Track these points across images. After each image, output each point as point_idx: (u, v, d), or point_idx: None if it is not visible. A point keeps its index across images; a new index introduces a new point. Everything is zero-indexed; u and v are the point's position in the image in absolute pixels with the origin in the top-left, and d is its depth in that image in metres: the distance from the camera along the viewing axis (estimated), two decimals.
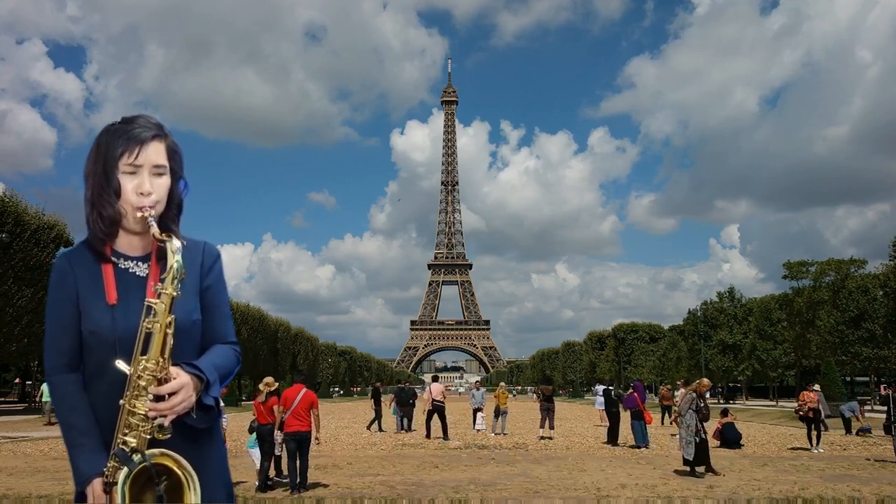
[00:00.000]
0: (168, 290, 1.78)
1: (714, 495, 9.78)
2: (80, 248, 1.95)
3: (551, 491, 10.10)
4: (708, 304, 58.84)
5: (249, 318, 59.06)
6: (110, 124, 1.94)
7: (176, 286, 1.79)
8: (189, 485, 1.75)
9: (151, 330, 1.77)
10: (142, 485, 1.72)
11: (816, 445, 16.40)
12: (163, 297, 1.78)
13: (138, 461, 1.71)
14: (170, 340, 1.78)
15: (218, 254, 2.06)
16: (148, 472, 1.71)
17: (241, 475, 11.12)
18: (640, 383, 19.54)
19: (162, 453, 1.75)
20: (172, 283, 1.79)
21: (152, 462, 1.72)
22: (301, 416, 10.05)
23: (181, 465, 1.75)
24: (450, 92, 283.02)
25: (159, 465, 1.74)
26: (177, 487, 1.75)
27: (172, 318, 1.79)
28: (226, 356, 1.97)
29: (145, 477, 1.72)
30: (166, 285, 1.79)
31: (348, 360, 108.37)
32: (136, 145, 1.87)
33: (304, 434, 9.99)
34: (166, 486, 1.73)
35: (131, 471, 1.70)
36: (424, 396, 21.89)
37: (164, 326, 1.77)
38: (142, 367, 1.75)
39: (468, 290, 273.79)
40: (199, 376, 1.81)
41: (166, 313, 1.78)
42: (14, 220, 31.64)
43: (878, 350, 39.43)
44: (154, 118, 1.96)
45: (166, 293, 1.78)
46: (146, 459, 1.72)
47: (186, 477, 1.75)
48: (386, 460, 13.95)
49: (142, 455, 1.72)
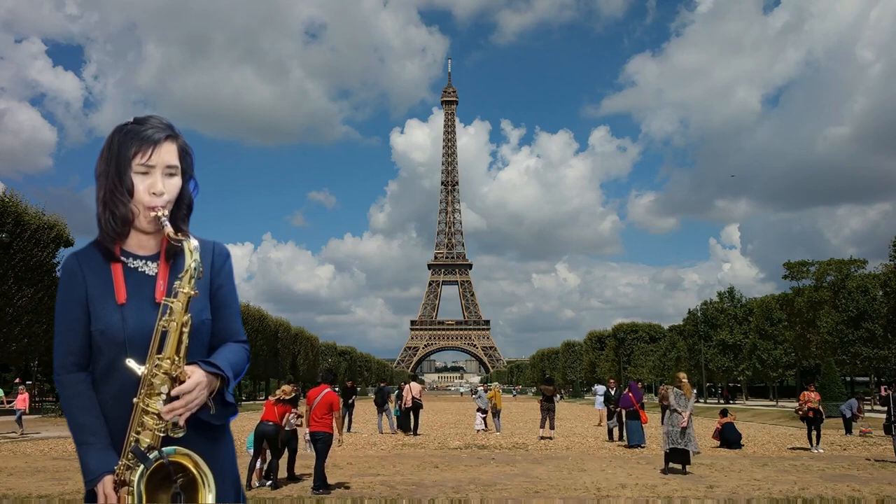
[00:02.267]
0: (185, 289, 1.80)
1: (714, 495, 9.77)
2: (89, 248, 1.97)
3: (551, 491, 10.09)
4: (708, 304, 58.83)
5: (249, 318, 59.03)
6: (122, 124, 1.96)
7: (193, 285, 1.81)
8: (204, 483, 1.76)
9: (167, 329, 1.79)
10: (156, 483, 1.73)
11: (816, 445, 16.42)
12: (180, 296, 1.80)
13: (154, 458, 1.72)
14: (185, 340, 1.80)
15: (228, 253, 2.09)
16: (163, 471, 1.72)
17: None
18: (636, 383, 19.57)
19: (178, 451, 1.76)
20: (190, 282, 1.81)
21: (170, 459, 1.73)
22: (319, 417, 10.04)
23: (197, 464, 1.77)
24: (450, 92, 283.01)
25: (176, 462, 1.75)
26: (192, 485, 1.76)
27: (189, 318, 1.80)
28: (238, 354, 2.00)
29: (160, 475, 1.73)
30: (184, 284, 1.81)
31: (348, 360, 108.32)
32: (149, 146, 1.89)
33: (319, 435, 9.98)
34: (182, 484, 1.74)
35: (147, 468, 1.71)
36: (404, 395, 22.38)
37: (181, 325, 1.79)
38: (156, 365, 1.77)
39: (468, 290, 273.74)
40: (217, 374, 1.83)
41: (183, 312, 1.80)
42: (14, 220, 31.63)
43: (878, 350, 39.40)
44: (165, 119, 1.98)
45: (184, 292, 1.80)
46: (163, 456, 1.73)
47: (202, 475, 1.76)
48: (386, 460, 13.95)
49: (159, 452, 1.73)
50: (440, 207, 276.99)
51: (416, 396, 21.79)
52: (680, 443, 11.96)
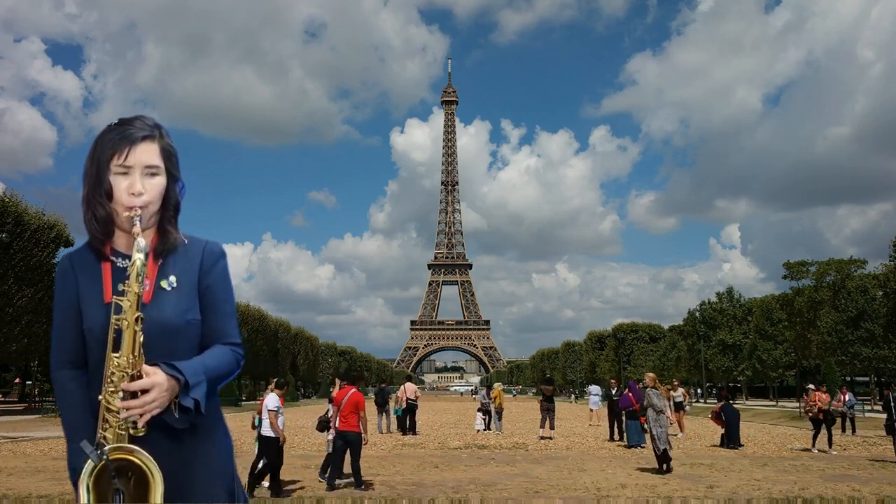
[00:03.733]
0: (133, 287, 1.79)
1: (714, 495, 9.77)
2: (83, 248, 1.99)
3: (551, 491, 10.09)
4: (707, 305, 58.84)
5: (249, 318, 59.07)
6: (108, 125, 1.95)
7: (140, 283, 1.79)
8: (153, 479, 1.72)
9: (119, 326, 1.79)
10: (109, 480, 1.72)
11: (829, 448, 16.27)
12: (128, 294, 1.79)
13: (97, 456, 1.71)
14: (139, 338, 1.78)
15: (221, 253, 2.04)
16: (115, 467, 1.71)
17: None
18: (635, 383, 19.55)
19: (118, 448, 1.73)
20: (137, 279, 1.79)
21: (109, 457, 1.71)
22: (345, 417, 10.36)
23: (143, 460, 1.73)
24: (450, 92, 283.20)
25: (122, 459, 1.72)
26: (142, 482, 1.73)
27: (139, 315, 1.79)
28: (221, 357, 1.94)
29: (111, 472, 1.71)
30: (130, 283, 1.79)
31: (348, 360, 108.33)
32: (126, 146, 1.88)
33: (348, 434, 10.27)
34: (134, 481, 1.72)
35: (96, 465, 1.71)
36: (399, 395, 22.54)
37: (132, 323, 1.78)
38: (115, 363, 1.77)
39: (468, 290, 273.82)
40: (177, 377, 1.78)
41: (133, 310, 1.78)
42: (14, 220, 31.66)
43: (878, 350, 39.42)
44: (151, 119, 1.96)
45: (131, 290, 1.79)
46: (104, 455, 1.71)
47: (150, 471, 1.73)
48: (386, 460, 13.95)
49: (100, 450, 1.72)
50: (440, 207, 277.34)
51: (412, 397, 21.87)
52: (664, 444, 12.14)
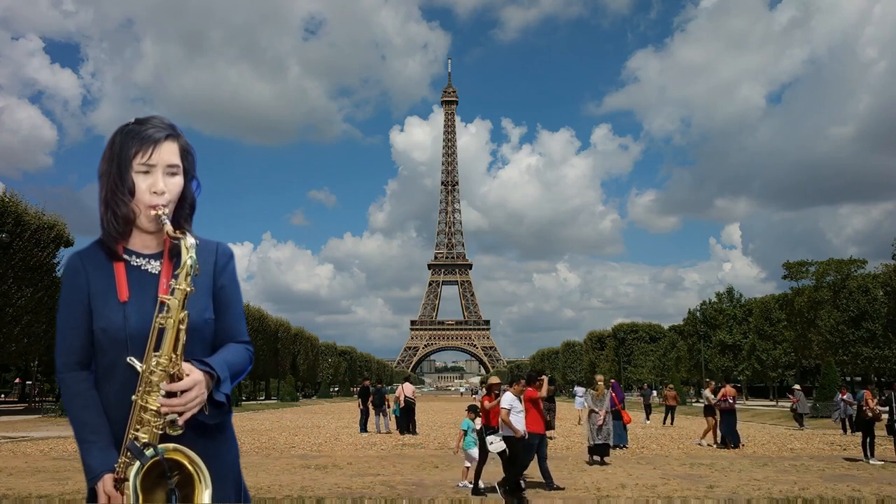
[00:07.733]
0: (182, 286, 1.81)
1: (714, 495, 9.76)
2: (92, 247, 1.99)
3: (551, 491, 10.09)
4: (706, 305, 58.84)
5: (249, 318, 59.06)
6: (124, 124, 1.98)
7: (189, 282, 1.82)
8: (200, 480, 1.76)
9: (164, 326, 1.80)
10: (153, 480, 1.73)
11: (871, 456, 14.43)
12: (176, 293, 1.81)
13: (150, 455, 1.72)
14: (182, 337, 1.80)
15: (231, 253, 2.09)
16: (159, 468, 1.72)
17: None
18: (617, 383, 19.71)
19: (175, 448, 1.76)
20: (186, 279, 1.81)
21: (165, 456, 1.73)
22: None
23: (193, 462, 1.76)
24: (450, 92, 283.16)
25: (172, 459, 1.75)
26: (188, 483, 1.76)
27: (185, 315, 1.81)
28: (239, 354, 2.00)
29: (157, 472, 1.73)
30: (180, 281, 1.81)
31: (348, 360, 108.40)
32: (149, 145, 1.91)
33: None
34: (178, 481, 1.74)
35: (143, 465, 1.71)
36: (397, 395, 22.69)
37: (177, 322, 1.79)
38: (154, 362, 1.78)
39: (468, 290, 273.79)
40: (211, 373, 1.83)
41: (179, 309, 1.80)
42: (14, 220, 31.68)
43: (879, 350, 39.43)
44: (167, 119, 2.00)
45: (180, 289, 1.81)
46: (159, 453, 1.73)
47: (198, 473, 1.76)
48: (386, 460, 13.94)
49: (154, 449, 1.73)
50: (440, 207, 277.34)
51: (409, 396, 22.06)
52: (598, 438, 13.62)
